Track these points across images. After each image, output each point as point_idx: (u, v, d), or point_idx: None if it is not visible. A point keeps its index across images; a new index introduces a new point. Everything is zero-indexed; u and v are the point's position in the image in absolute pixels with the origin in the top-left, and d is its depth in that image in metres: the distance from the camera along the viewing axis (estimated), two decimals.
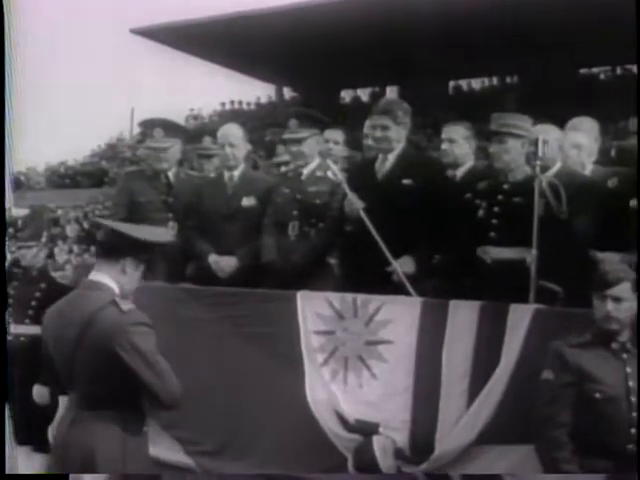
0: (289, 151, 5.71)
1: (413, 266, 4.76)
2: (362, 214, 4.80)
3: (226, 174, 5.70)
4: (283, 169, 6.18)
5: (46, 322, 3.64)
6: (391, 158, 5.03)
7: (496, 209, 4.67)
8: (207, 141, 6.48)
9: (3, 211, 5.13)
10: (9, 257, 5.64)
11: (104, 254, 3.56)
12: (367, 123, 5.24)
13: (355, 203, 4.87)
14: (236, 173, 5.67)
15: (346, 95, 29.82)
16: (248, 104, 31.86)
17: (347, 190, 4.94)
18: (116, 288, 3.49)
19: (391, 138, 4.97)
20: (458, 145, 5.44)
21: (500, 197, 4.69)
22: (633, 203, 4.46)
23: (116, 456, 3.39)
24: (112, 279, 3.50)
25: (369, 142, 5.39)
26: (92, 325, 3.34)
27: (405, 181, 4.91)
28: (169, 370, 3.42)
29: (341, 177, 5.05)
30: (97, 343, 3.33)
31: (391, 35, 21.00)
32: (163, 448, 4.78)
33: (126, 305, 3.40)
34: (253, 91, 31.80)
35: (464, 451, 4.25)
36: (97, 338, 3.33)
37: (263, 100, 31.81)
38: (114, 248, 3.52)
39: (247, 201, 5.58)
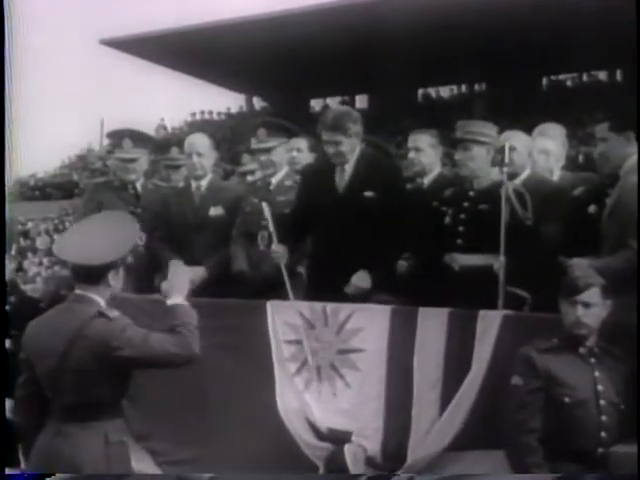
0: (258, 160, 5.70)
1: (369, 281, 4.76)
2: (265, 207, 4.91)
3: (193, 184, 5.69)
4: (249, 178, 6.17)
5: (29, 333, 3.69)
6: (348, 169, 4.97)
7: (462, 216, 4.69)
8: (174, 151, 6.46)
9: (3, 220, 5.07)
10: None
11: (82, 280, 3.61)
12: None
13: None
14: (203, 183, 5.65)
15: (316, 104, 29.88)
16: (219, 114, 31.84)
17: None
18: (102, 301, 3.59)
19: (344, 152, 4.90)
20: (425, 153, 5.42)
21: (466, 204, 4.71)
22: (593, 209, 4.51)
23: (101, 466, 3.48)
24: (98, 295, 3.59)
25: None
26: (81, 337, 3.44)
27: (367, 193, 4.87)
28: (167, 337, 3.53)
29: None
30: (89, 353, 3.43)
31: (360, 44, 21.08)
32: (134, 460, 4.75)
33: (112, 313, 3.52)
34: (224, 101, 31.82)
35: (437, 458, 4.24)
36: (89, 348, 3.43)
37: (233, 110, 31.80)
38: (88, 275, 3.58)
39: (215, 211, 5.56)
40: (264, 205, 4.96)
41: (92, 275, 3.56)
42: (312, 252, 5.13)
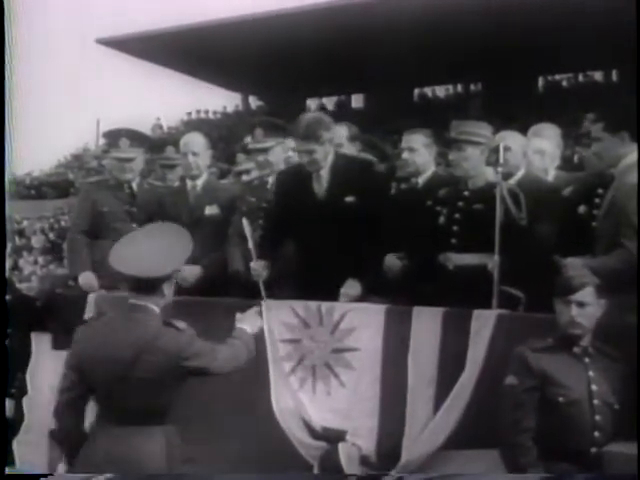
0: (255, 160, 5.70)
1: (359, 289, 4.76)
2: (245, 224, 4.87)
3: (189, 183, 5.69)
4: (245, 178, 6.17)
5: (82, 339, 3.81)
6: (324, 174, 4.91)
7: (457, 216, 4.69)
8: (170, 151, 6.44)
9: (3, 218, 5.07)
10: None
11: (139, 290, 3.73)
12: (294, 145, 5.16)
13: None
14: (199, 182, 5.66)
15: (312, 103, 29.82)
16: (215, 113, 31.76)
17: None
18: (157, 309, 3.74)
19: (318, 159, 4.83)
20: (418, 154, 5.36)
21: (460, 204, 4.71)
22: (582, 209, 4.56)
23: (163, 468, 3.64)
24: (154, 304, 3.74)
25: None
26: (150, 345, 3.60)
27: (348, 199, 4.83)
28: (223, 347, 3.88)
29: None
30: (158, 361, 3.59)
31: (356, 44, 21.05)
32: None
33: (180, 324, 3.72)
34: (220, 100, 31.73)
35: (431, 457, 4.26)
36: (158, 357, 3.60)
37: (229, 109, 31.74)
38: (145, 286, 3.72)
39: (210, 210, 5.57)
40: (244, 221, 4.90)
41: (149, 286, 3.70)
42: (298, 260, 5.10)
